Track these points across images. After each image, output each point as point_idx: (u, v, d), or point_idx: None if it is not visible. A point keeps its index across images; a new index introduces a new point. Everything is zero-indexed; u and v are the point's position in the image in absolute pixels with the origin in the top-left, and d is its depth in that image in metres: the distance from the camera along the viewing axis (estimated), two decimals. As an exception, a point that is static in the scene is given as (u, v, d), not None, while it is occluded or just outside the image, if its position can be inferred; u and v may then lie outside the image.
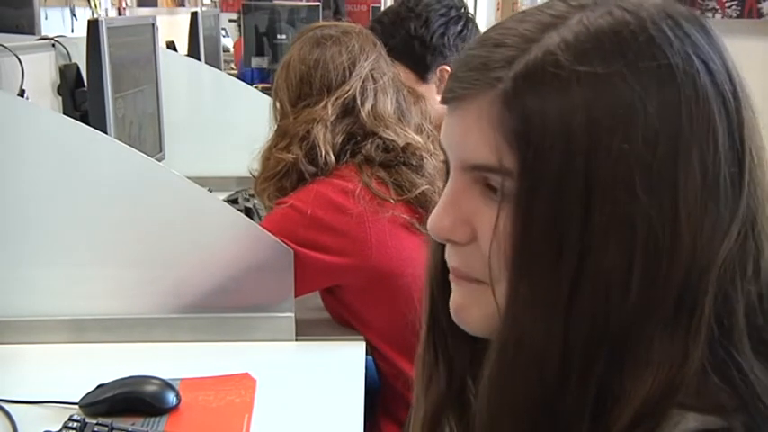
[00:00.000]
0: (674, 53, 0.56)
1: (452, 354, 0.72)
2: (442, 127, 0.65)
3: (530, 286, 0.58)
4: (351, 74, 1.51)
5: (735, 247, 0.57)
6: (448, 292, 0.69)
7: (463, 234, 0.62)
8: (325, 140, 1.46)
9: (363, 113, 1.49)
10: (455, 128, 0.62)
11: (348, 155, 1.48)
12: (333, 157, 1.46)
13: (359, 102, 1.49)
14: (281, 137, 1.52)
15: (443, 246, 0.67)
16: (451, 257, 0.65)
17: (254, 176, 1.58)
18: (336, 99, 1.49)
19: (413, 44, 1.85)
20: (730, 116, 0.57)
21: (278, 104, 1.57)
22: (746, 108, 0.58)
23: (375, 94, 1.51)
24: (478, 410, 0.63)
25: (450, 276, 0.66)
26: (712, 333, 0.57)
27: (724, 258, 0.56)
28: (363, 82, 1.51)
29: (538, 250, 0.57)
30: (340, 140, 1.48)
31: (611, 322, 0.56)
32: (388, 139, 1.48)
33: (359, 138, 1.48)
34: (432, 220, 0.63)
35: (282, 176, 1.49)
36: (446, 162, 0.66)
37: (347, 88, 1.50)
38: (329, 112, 1.47)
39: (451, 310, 0.66)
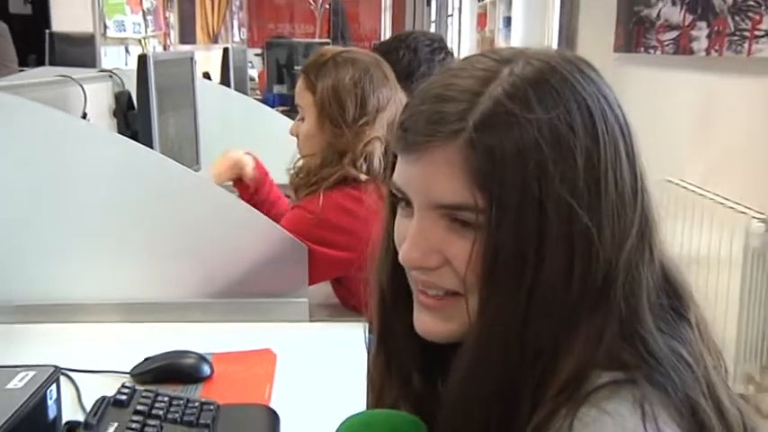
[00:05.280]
0: (587, 94, 0.59)
1: (404, 357, 0.69)
2: (396, 171, 0.62)
3: (497, 296, 0.59)
4: (392, 96, 1.52)
5: (635, 240, 0.60)
6: (400, 297, 0.68)
7: (435, 261, 0.61)
8: (380, 154, 1.46)
9: None
10: (420, 173, 0.60)
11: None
12: (382, 168, 1.43)
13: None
14: (340, 153, 1.48)
15: (395, 253, 0.65)
16: (422, 275, 0.63)
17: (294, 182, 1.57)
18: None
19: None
20: (626, 138, 0.60)
21: (328, 124, 1.51)
22: (633, 131, 0.61)
23: None
24: (450, 394, 0.63)
25: (419, 299, 0.64)
26: (621, 312, 0.59)
27: (629, 250, 0.59)
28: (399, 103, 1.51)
29: (504, 267, 0.58)
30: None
31: (556, 316, 0.58)
32: None
33: None
34: (403, 252, 0.62)
35: (331, 185, 1.47)
36: (395, 198, 0.64)
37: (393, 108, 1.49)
38: (384, 130, 1.47)
39: (419, 329, 0.65)
